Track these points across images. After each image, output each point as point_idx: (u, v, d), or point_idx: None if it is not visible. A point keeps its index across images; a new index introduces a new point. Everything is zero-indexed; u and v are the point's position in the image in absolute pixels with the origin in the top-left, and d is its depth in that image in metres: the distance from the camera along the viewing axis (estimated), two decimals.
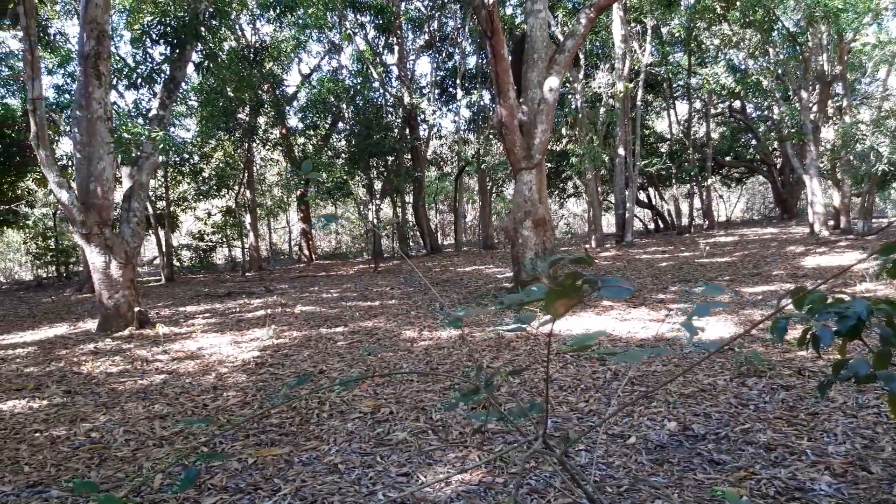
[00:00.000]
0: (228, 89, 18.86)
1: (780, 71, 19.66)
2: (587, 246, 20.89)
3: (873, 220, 19.25)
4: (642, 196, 29.18)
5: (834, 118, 18.29)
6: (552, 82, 9.80)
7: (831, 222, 18.68)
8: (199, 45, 11.74)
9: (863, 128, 16.38)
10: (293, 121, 25.34)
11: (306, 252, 25.25)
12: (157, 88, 11.31)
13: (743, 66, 21.34)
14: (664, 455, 3.80)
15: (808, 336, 2.33)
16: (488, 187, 25.35)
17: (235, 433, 4.72)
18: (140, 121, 12.66)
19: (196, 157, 21.19)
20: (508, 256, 19.64)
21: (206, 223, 24.67)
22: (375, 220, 22.12)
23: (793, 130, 19.26)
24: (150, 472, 4.09)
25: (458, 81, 22.71)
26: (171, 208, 22.07)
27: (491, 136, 22.68)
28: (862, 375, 2.24)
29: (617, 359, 1.31)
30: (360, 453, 4.15)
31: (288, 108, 24.24)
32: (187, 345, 8.15)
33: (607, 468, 3.69)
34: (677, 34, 24.14)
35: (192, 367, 6.87)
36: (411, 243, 24.81)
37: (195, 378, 6.41)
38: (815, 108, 18.46)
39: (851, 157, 15.98)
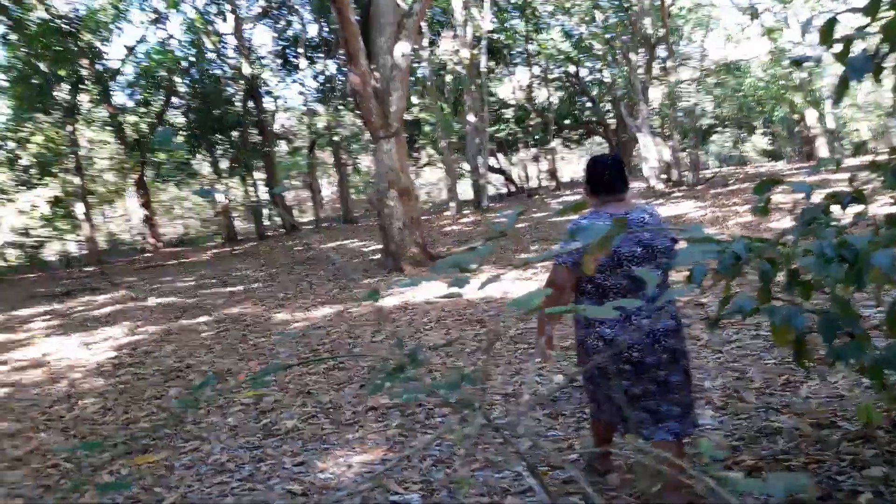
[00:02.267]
0: (41, 65, 16.86)
1: (608, 36, 20.80)
2: (447, 213, 21.16)
3: (700, 172, 21.05)
4: (493, 162, 29.97)
5: (660, 79, 19.70)
6: (403, 47, 9.64)
7: (664, 176, 20.23)
8: (2, 15, 10.34)
9: (685, 86, 17.81)
10: (120, 97, 23.24)
11: (151, 240, 23.46)
12: None
13: (576, 33, 22.34)
14: (557, 409, 3.91)
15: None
16: (343, 160, 24.83)
17: (103, 443, 4.27)
18: None
19: (11, 143, 18.84)
20: (371, 230, 19.44)
21: (31, 216, 22.15)
22: (226, 200, 20.97)
23: (624, 91, 20.55)
24: (7, 498, 3.60)
25: (300, 51, 21.86)
26: None
27: (341, 107, 22.16)
28: (747, 310, 2.39)
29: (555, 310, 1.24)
30: (249, 448, 3.90)
31: (113, 83, 22.13)
32: (28, 352, 7.29)
33: (505, 428, 3.73)
34: (514, 1, 24.74)
35: (39, 377, 6.15)
36: (267, 222, 23.81)
37: (44, 388, 5.74)
38: (641, 70, 19.75)
39: (679, 114, 17.31)
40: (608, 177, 2.62)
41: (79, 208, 20.99)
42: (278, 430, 4.11)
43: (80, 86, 19.63)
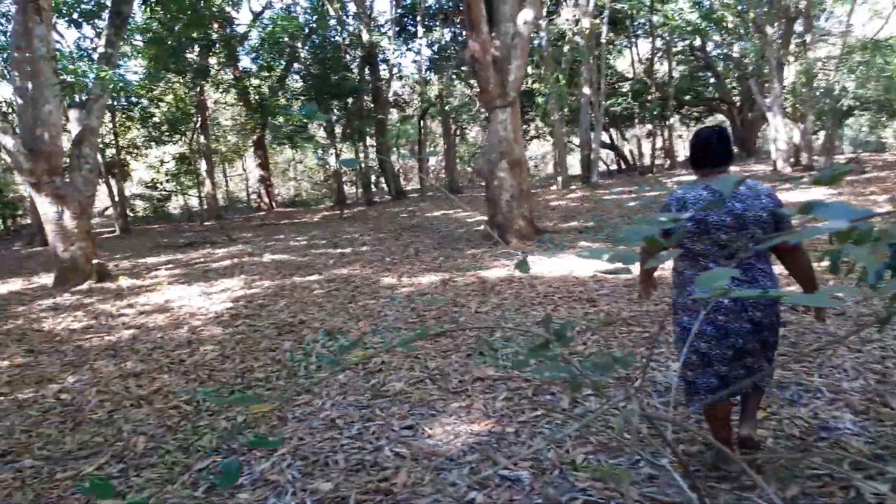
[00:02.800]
0: (176, 27, 17.76)
1: (741, 7, 19.42)
2: (553, 187, 20.75)
3: (833, 157, 19.47)
4: (604, 137, 29.04)
5: (797, 55, 18.27)
6: (527, 15, 9.37)
7: (792, 159, 18.86)
8: None
9: (824, 64, 16.37)
10: (245, 61, 24.18)
11: (266, 200, 24.53)
12: (102, 25, 10.49)
13: (707, 2, 21.03)
14: (677, 398, 3.68)
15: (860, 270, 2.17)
16: (452, 130, 24.82)
17: (220, 389, 4.45)
18: (82, 62, 11.75)
19: (145, 101, 20.08)
20: (475, 200, 19.38)
21: (158, 171, 23.66)
22: (338, 165, 21.50)
23: (755, 67, 19.20)
24: (132, 434, 3.82)
25: (418, 18, 21.89)
26: (122, 155, 21.02)
27: (454, 77, 22.07)
28: None
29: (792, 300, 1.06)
30: (357, 406, 3.93)
31: (240, 48, 23.07)
32: (153, 298, 7.76)
33: (618, 413, 3.55)
34: None
35: (162, 321, 6.52)
36: (374, 188, 24.26)
37: (166, 332, 6.08)
38: (777, 45, 18.35)
39: (817, 93, 15.97)
40: (709, 149, 2.70)
41: (202, 165, 22.19)
42: (386, 391, 4.12)
43: (211, 49, 20.57)
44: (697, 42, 28.04)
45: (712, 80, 29.85)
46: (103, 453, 3.59)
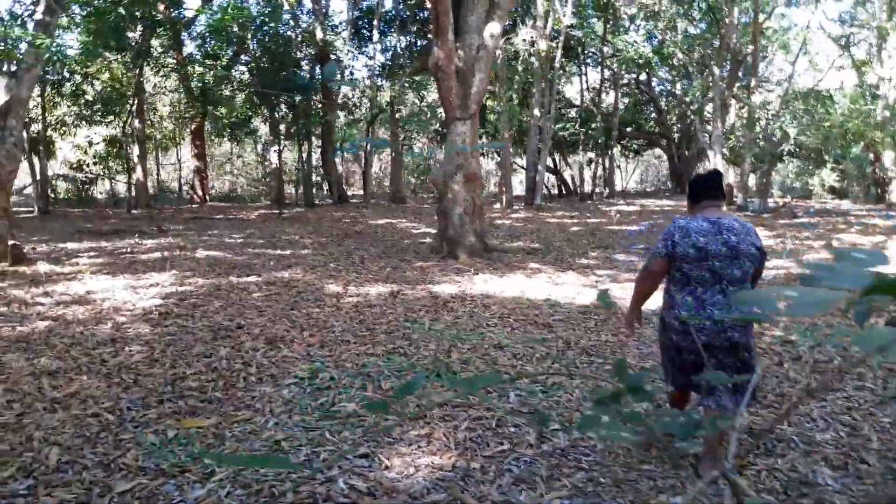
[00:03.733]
0: (120, 3, 16.79)
1: (687, 47, 20.02)
2: (497, 205, 20.71)
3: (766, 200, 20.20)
4: (549, 161, 29.33)
5: (738, 98, 18.90)
6: (493, 28, 9.21)
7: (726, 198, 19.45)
8: None
9: (763, 108, 17.01)
10: (190, 47, 23.18)
11: (199, 192, 23.47)
12: None
13: (658, 38, 21.58)
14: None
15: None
16: (401, 139, 24.48)
17: (147, 397, 3.99)
18: (17, 27, 10.85)
19: (79, 77, 18.89)
20: (419, 211, 19.11)
21: (86, 152, 22.30)
22: (278, 163, 20.84)
23: (699, 105, 19.77)
24: (43, 444, 3.32)
25: (374, 23, 21.53)
26: (48, 133, 19.69)
27: (406, 85, 21.80)
28: None
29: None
30: (305, 427, 3.57)
31: (185, 33, 22.07)
32: (73, 287, 7.09)
33: (590, 453, 3.33)
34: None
35: (83, 314, 5.92)
36: (315, 191, 23.60)
37: (87, 327, 5.50)
38: (723, 85, 18.98)
39: (759, 136, 16.53)
40: (710, 186, 3.18)
41: (134, 151, 21.05)
42: (337, 412, 3.77)
43: (155, 30, 19.58)
44: (643, 77, 28.82)
45: (654, 115, 30.72)
46: (9, 465, 3.10)
